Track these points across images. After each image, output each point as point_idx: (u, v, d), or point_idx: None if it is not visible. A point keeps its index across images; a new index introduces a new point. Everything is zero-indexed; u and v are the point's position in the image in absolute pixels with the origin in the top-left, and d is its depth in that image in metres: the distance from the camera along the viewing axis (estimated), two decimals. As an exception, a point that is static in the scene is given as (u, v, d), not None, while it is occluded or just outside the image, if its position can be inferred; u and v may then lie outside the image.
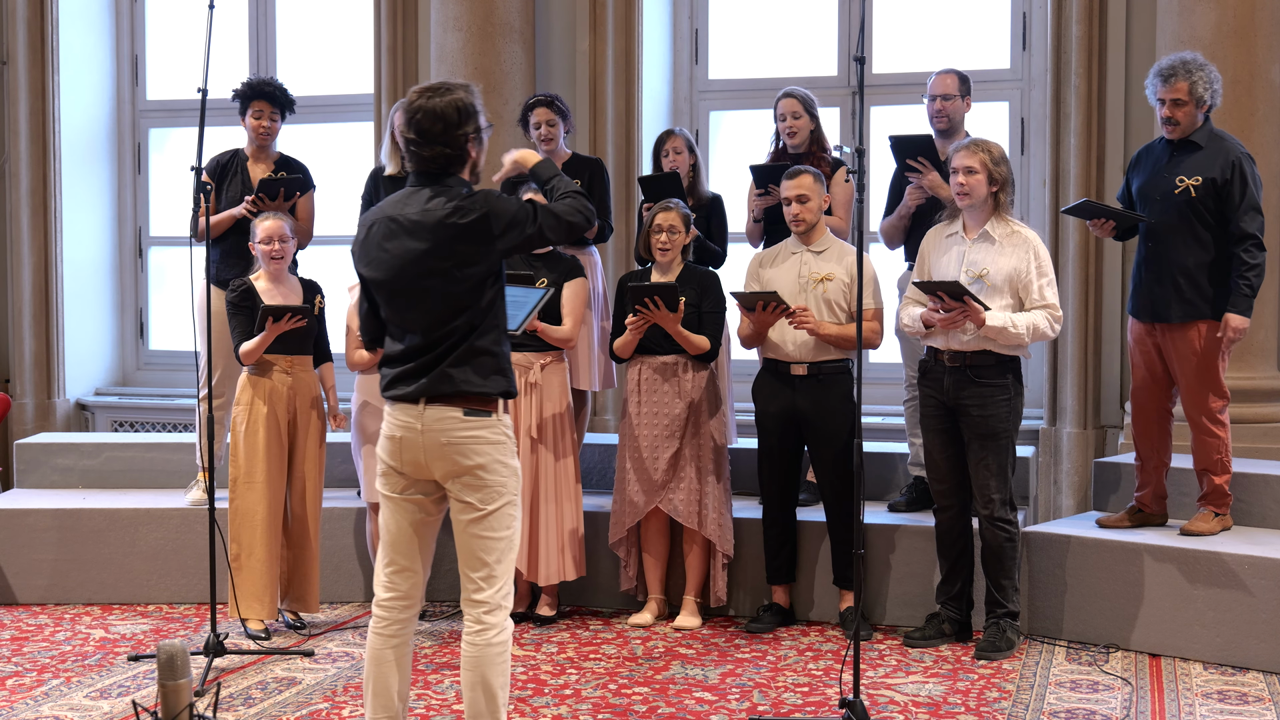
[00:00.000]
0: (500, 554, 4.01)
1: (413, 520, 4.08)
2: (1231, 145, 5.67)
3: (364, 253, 4.05)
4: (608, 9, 7.74)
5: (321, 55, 8.55)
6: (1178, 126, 5.66)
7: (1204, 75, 5.62)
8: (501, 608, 4.01)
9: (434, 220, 3.92)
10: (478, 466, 3.96)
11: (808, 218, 5.91)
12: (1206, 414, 5.73)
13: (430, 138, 3.94)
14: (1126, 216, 5.75)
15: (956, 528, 5.74)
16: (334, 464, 6.91)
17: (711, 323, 6.02)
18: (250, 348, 5.78)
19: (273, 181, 6.44)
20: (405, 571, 4.09)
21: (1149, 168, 5.80)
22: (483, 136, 4.04)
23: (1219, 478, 5.80)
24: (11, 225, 8.60)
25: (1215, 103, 5.70)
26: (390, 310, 4.03)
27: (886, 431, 7.30)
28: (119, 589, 6.58)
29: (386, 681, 4.08)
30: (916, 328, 5.65)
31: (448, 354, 3.94)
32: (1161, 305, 5.71)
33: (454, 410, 3.95)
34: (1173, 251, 5.67)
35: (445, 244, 3.91)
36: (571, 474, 6.11)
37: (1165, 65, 5.68)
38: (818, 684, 5.31)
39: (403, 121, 4.00)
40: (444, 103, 3.94)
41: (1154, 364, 5.83)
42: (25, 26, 8.46)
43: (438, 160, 3.96)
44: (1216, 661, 5.51)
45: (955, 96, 6.22)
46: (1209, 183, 5.60)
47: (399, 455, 4.02)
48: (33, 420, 8.54)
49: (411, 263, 3.93)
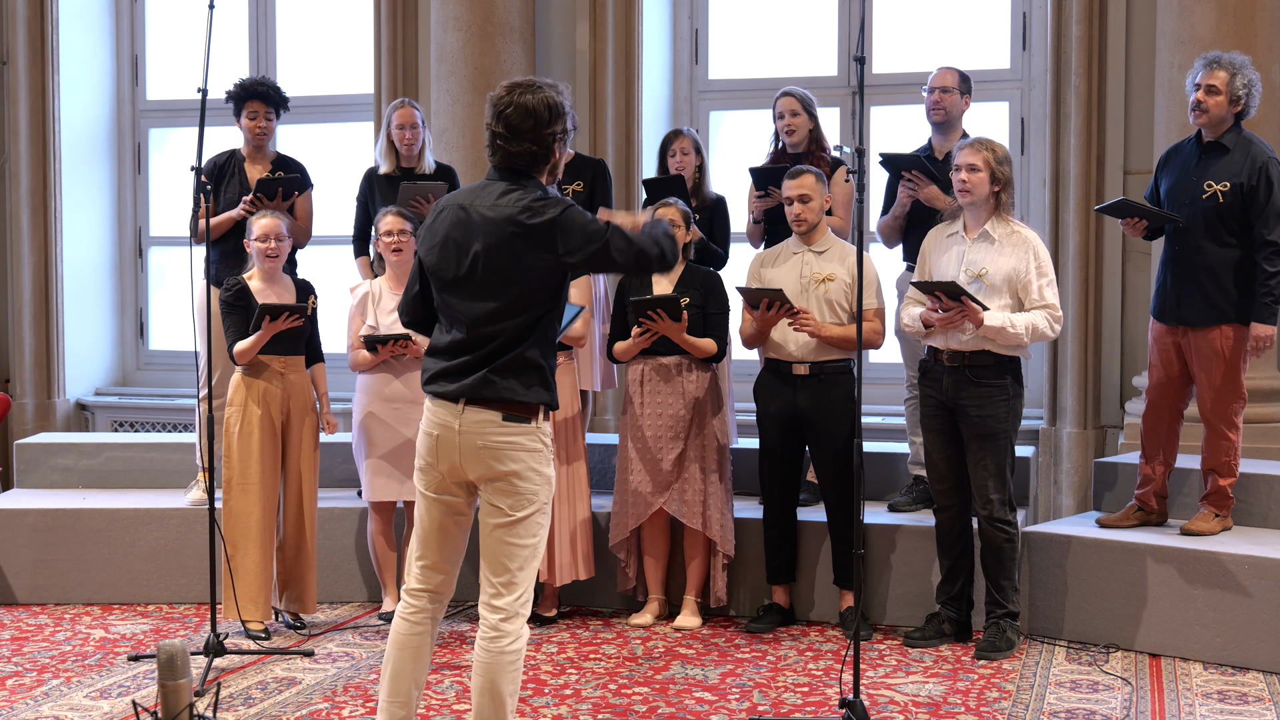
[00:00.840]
0: (524, 561, 3.98)
1: (444, 518, 4.05)
2: (1259, 149, 5.65)
3: (428, 237, 4.01)
4: (607, 9, 7.74)
5: (321, 55, 8.55)
6: (1205, 114, 5.63)
7: (1245, 76, 5.62)
8: (519, 615, 3.97)
9: (503, 215, 3.88)
10: (512, 473, 3.93)
11: (809, 217, 5.91)
12: (1223, 416, 5.72)
13: (520, 134, 3.91)
14: (1161, 217, 5.73)
15: (956, 528, 5.74)
16: (334, 464, 6.91)
17: (716, 324, 6.03)
18: (245, 346, 5.77)
19: (271, 181, 6.44)
20: (435, 567, 4.09)
21: (1177, 169, 5.79)
22: (569, 138, 4.02)
23: (1224, 479, 5.79)
24: (11, 225, 8.60)
25: (1249, 107, 5.67)
26: (442, 300, 3.99)
27: (887, 431, 7.30)
28: (119, 589, 6.58)
29: (404, 667, 4.07)
30: (916, 328, 5.65)
31: (493, 358, 3.90)
32: (1186, 309, 5.70)
33: (493, 414, 3.91)
34: (1198, 255, 5.66)
35: (507, 240, 3.87)
36: (582, 474, 6.12)
37: (1213, 54, 5.70)
38: (818, 684, 5.31)
39: (489, 113, 3.95)
40: (536, 99, 3.92)
41: (1172, 364, 5.82)
42: (25, 26, 8.46)
43: (523, 157, 3.93)
44: (1216, 661, 5.51)
45: (953, 90, 6.22)
46: (1236, 188, 5.59)
47: (435, 453, 3.99)
48: (33, 420, 8.54)
49: (469, 255, 3.89)
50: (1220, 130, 5.67)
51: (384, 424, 5.99)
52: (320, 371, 6.07)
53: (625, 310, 6.09)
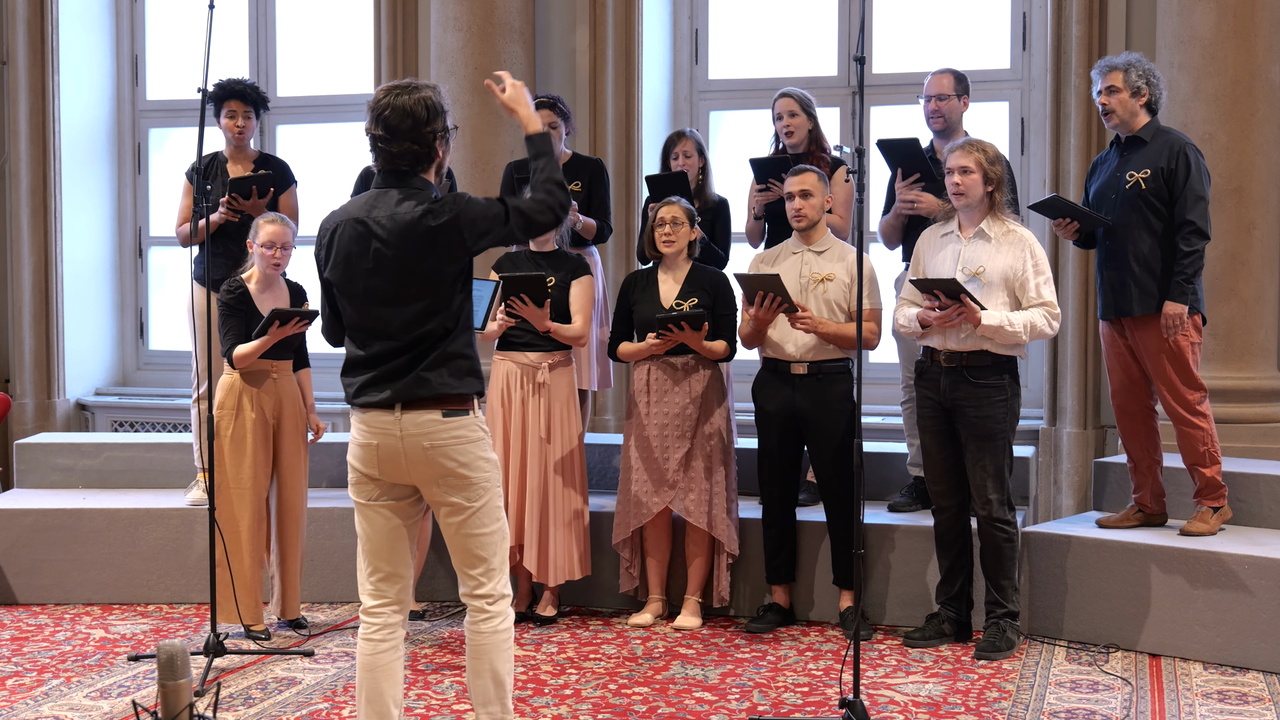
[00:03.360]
0: (495, 547, 4.04)
1: (390, 526, 4.06)
2: (1176, 137, 5.76)
3: (330, 256, 4.02)
4: (607, 9, 7.74)
5: (321, 55, 8.55)
6: (1113, 114, 5.75)
7: (1139, 69, 5.74)
8: (505, 596, 4.06)
9: (405, 223, 3.90)
10: (462, 465, 3.97)
11: (810, 213, 5.91)
12: (1184, 405, 5.74)
13: (398, 135, 3.94)
14: (1091, 217, 5.78)
15: (955, 528, 5.74)
16: (331, 464, 6.92)
17: (726, 325, 6.03)
18: (249, 350, 5.73)
19: (244, 180, 6.44)
20: (391, 577, 4.08)
21: (1103, 172, 5.89)
22: (449, 136, 4.05)
23: (1208, 469, 5.80)
24: (11, 225, 8.60)
25: (1156, 98, 5.77)
26: (358, 315, 3.99)
27: (886, 431, 7.30)
28: (119, 589, 6.58)
29: (380, 687, 4.04)
30: (913, 328, 5.65)
31: (422, 358, 3.93)
32: (1123, 300, 5.74)
33: (433, 413, 3.94)
34: (1128, 245, 5.71)
35: (417, 247, 3.89)
36: (579, 474, 6.12)
37: (1104, 60, 5.85)
38: (818, 684, 5.31)
39: (368, 118, 4.01)
40: (413, 100, 3.95)
41: (1129, 365, 5.85)
42: (25, 26, 8.46)
43: (405, 157, 3.96)
44: (1216, 661, 5.51)
45: (950, 96, 6.21)
46: (1156, 173, 5.67)
47: (375, 463, 3.99)
48: (33, 420, 8.54)
49: (382, 267, 3.91)
50: (1135, 126, 5.76)
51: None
52: (306, 376, 6.05)
53: (628, 311, 6.09)
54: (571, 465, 6.09)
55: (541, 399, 6.02)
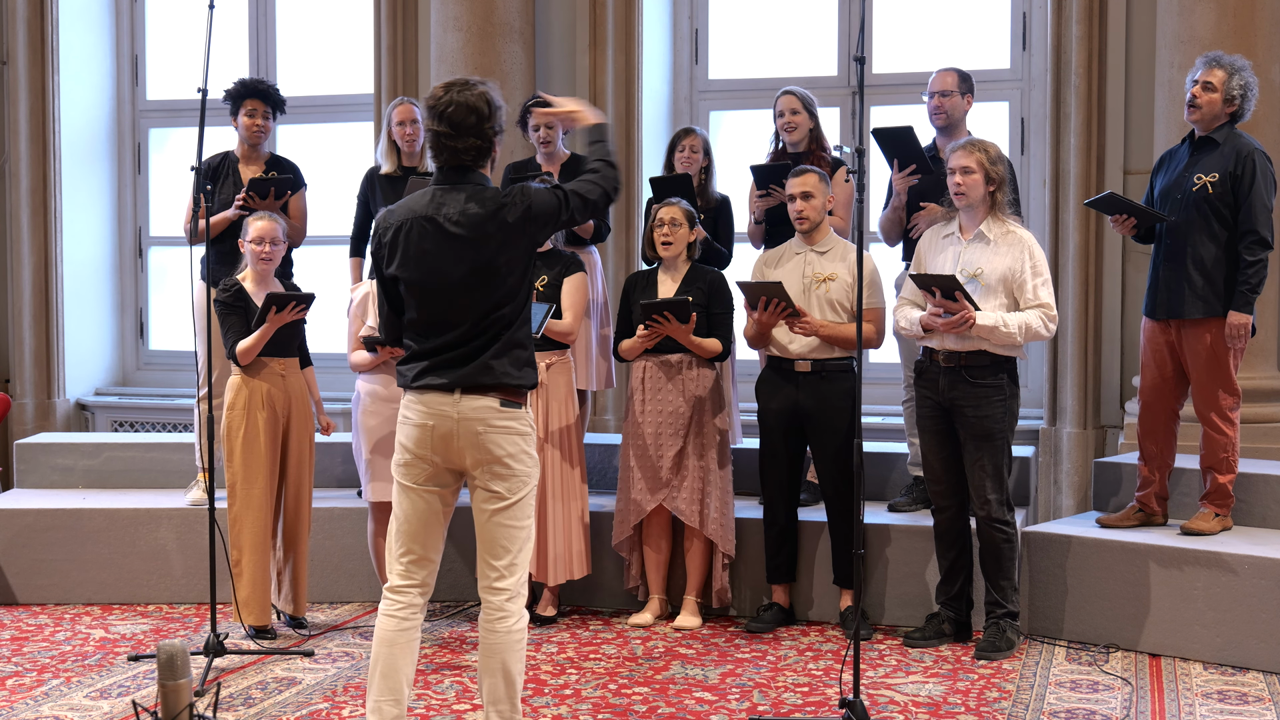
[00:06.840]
0: (521, 543, 4.11)
1: (431, 510, 4.13)
2: (1246, 141, 5.69)
3: (394, 255, 4.08)
4: (608, 9, 7.74)
5: (321, 55, 8.55)
6: (1199, 110, 5.68)
7: (1243, 78, 5.67)
8: (521, 595, 4.12)
9: (479, 219, 4.01)
10: (508, 456, 4.05)
11: (811, 215, 5.91)
12: (1217, 411, 5.73)
13: (464, 130, 4.04)
14: (1148, 213, 5.75)
15: (955, 528, 5.74)
16: (334, 464, 6.92)
17: (721, 324, 6.04)
18: (250, 343, 5.73)
19: (263, 181, 6.45)
20: (422, 561, 4.16)
21: (1171, 169, 5.83)
22: (502, 135, 4.18)
23: (1223, 476, 5.80)
24: (11, 225, 8.60)
25: (1244, 110, 5.71)
26: (427, 310, 4.07)
27: (886, 431, 7.30)
28: (119, 589, 6.58)
29: (396, 663, 4.10)
30: (914, 330, 5.65)
31: (489, 345, 4.03)
32: (1177, 301, 5.71)
33: (490, 400, 4.04)
34: (1189, 248, 5.67)
35: (493, 241, 4.00)
36: (578, 472, 6.12)
37: (1214, 54, 5.76)
38: (818, 684, 5.31)
39: (428, 116, 4.07)
40: (475, 95, 4.06)
41: (1165, 363, 5.83)
42: (25, 26, 8.47)
43: (470, 152, 4.06)
44: (1216, 661, 5.51)
45: (954, 93, 6.21)
46: (1224, 178, 5.62)
47: (429, 443, 4.07)
48: (33, 420, 8.54)
49: (457, 262, 4.00)
50: (1212, 128, 5.71)
51: (384, 424, 5.99)
52: (311, 374, 6.06)
53: (631, 309, 6.09)
54: (571, 464, 6.09)
55: (540, 398, 6.02)
